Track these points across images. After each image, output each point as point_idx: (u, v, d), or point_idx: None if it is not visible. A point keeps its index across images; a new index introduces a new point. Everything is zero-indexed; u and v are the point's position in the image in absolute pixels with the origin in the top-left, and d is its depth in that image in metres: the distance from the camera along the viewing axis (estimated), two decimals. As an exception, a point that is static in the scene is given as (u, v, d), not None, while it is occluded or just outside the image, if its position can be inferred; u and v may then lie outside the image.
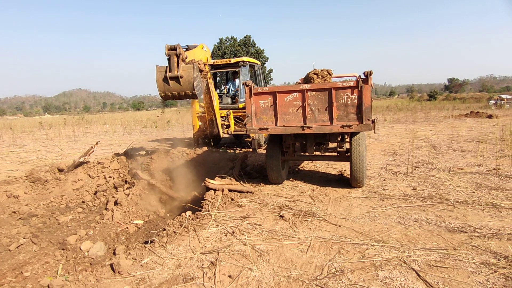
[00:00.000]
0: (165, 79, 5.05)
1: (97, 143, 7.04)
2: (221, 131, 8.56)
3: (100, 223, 4.63)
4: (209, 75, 6.65)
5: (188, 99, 6.68)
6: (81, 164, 6.26)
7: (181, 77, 5.01)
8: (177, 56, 4.95)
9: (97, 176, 6.12)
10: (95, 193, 5.76)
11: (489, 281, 2.56)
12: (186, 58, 5.18)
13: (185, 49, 5.58)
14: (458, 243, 3.24)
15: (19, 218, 4.85)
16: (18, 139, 16.19)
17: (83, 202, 5.52)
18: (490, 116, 17.28)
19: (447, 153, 7.97)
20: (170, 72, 5.00)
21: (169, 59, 4.99)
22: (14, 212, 4.95)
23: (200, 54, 6.14)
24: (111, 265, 3.06)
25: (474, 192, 4.81)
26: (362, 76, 4.67)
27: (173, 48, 4.94)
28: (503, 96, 29.46)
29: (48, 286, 2.81)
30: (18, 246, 4.00)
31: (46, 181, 5.83)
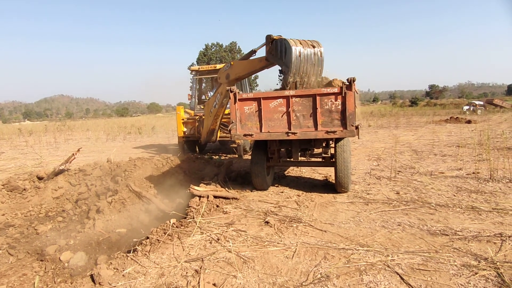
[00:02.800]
0: None
1: (78, 150, 6.88)
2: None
3: (81, 232, 4.50)
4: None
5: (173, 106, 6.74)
6: (62, 171, 6.10)
7: None
8: None
9: (79, 184, 5.97)
10: (76, 201, 5.61)
11: (470, 283, 2.61)
12: None
13: None
14: (440, 246, 3.30)
15: (-5, 229, 4.66)
16: (-5, 146, 15.66)
17: (63, 211, 5.36)
18: (469, 122, 17.83)
19: (429, 157, 8.15)
20: None
21: None
22: (-10, 222, 4.77)
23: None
24: (92, 276, 2.97)
25: (454, 196, 4.93)
26: (346, 83, 4.73)
27: None
28: (476, 102, 31.01)
29: (25, 299, 2.70)
30: (-6, 258, 3.84)
31: (25, 189, 5.65)
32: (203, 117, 9.08)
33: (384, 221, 4.04)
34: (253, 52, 6.07)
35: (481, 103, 31.65)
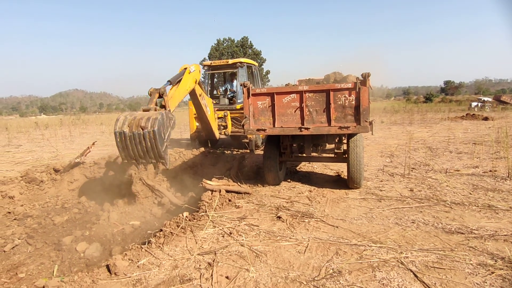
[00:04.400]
0: None
1: (93, 144, 6.99)
2: (217, 135, 8.43)
3: (96, 224, 4.60)
4: (199, 91, 6.39)
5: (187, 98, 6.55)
6: (77, 164, 6.22)
7: None
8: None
9: (93, 177, 6.08)
10: (92, 193, 5.72)
11: (486, 282, 2.57)
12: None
13: (168, 85, 5.01)
14: (455, 244, 3.25)
15: (14, 219, 4.80)
16: (13, 139, 16.07)
17: (79, 202, 5.48)
18: (486, 119, 17.39)
19: (444, 154, 8.00)
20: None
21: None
22: (9, 212, 4.91)
23: (188, 81, 5.60)
24: (107, 266, 3.03)
25: (470, 194, 4.83)
26: (360, 78, 4.68)
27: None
28: (484, 99, 30.17)
29: (43, 287, 2.78)
30: (13, 247, 3.96)
31: (42, 181, 5.79)
32: (217, 112, 9.15)
33: (397, 218, 3.99)
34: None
35: (490, 99, 30.87)
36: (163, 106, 4.54)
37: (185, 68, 5.56)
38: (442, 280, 2.62)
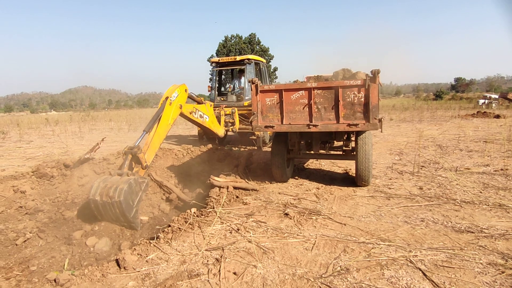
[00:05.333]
0: None
1: (102, 140, 7.05)
2: (221, 133, 8.35)
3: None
4: (189, 109, 6.16)
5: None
6: (86, 160, 6.29)
7: None
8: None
9: (103, 172, 6.13)
10: (101, 189, 5.78)
11: (496, 282, 2.54)
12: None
13: (145, 134, 4.83)
14: (465, 243, 3.21)
15: (26, 213, 4.88)
16: (25, 135, 16.33)
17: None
18: (497, 116, 17.07)
19: (454, 153, 7.89)
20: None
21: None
22: (21, 207, 4.99)
23: (170, 113, 5.29)
24: (117, 261, 3.07)
25: (481, 192, 4.76)
26: (370, 75, 4.63)
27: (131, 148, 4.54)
28: (491, 96, 29.49)
29: (55, 280, 2.83)
30: (25, 241, 4.04)
31: (52, 176, 5.87)
32: (225, 108, 9.16)
33: (406, 216, 3.96)
34: None
35: (496, 96, 30.21)
36: (139, 162, 4.64)
37: (167, 98, 5.22)
38: (451, 279, 2.60)
